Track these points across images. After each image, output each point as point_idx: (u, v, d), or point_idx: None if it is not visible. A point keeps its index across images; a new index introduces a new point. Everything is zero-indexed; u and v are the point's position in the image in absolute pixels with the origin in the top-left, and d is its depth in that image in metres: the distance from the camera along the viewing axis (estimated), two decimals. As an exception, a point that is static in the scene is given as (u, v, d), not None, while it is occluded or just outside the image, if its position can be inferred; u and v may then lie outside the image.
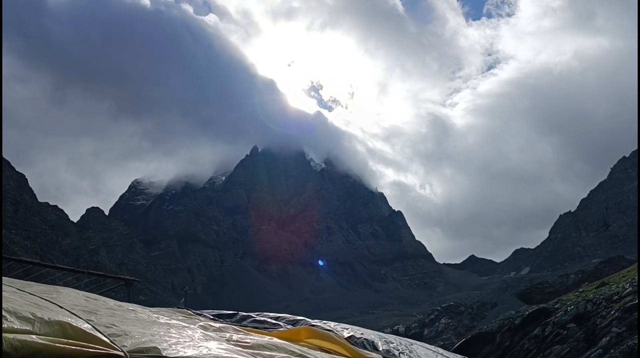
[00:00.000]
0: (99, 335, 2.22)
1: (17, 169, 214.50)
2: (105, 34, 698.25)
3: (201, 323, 3.66)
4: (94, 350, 2.05)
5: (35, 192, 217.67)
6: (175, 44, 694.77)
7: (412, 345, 4.93)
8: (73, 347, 1.98)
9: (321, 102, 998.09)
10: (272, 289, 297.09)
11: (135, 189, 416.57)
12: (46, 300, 2.61)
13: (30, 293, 2.62)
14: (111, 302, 3.37)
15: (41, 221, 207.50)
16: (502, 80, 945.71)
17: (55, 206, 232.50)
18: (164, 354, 2.25)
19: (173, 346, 2.44)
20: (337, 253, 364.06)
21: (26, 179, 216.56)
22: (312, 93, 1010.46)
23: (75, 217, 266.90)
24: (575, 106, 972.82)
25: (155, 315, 3.30)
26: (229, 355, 2.57)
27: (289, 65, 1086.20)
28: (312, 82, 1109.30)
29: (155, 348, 2.27)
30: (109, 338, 2.23)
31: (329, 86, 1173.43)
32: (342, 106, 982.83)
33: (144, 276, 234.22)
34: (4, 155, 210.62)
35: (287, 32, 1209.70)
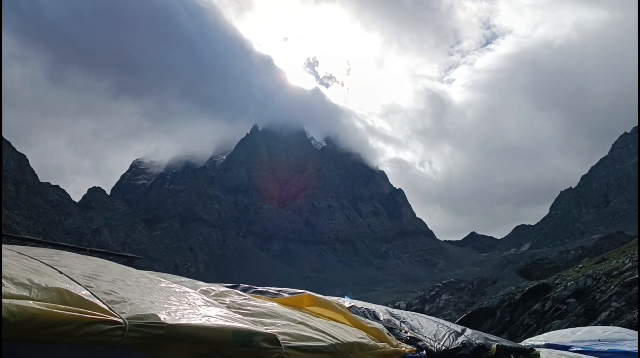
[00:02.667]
0: (97, 301, 2.18)
1: (17, 150, 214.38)
2: (97, 10, 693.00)
3: (203, 288, 3.64)
4: (92, 317, 2.01)
5: (36, 172, 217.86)
6: (169, 19, 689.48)
7: (414, 314, 4.95)
8: (70, 313, 1.95)
9: (317, 79, 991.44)
10: (274, 267, 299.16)
11: (136, 168, 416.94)
12: (46, 264, 2.56)
13: (30, 257, 2.57)
14: (113, 266, 3.30)
15: (43, 201, 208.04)
16: (500, 55, 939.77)
17: (57, 186, 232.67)
18: (163, 321, 2.24)
19: (172, 313, 2.40)
20: (338, 231, 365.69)
21: (27, 159, 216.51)
22: (308, 69, 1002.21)
23: (77, 197, 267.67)
24: (576, 80, 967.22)
25: (157, 279, 3.24)
26: (228, 324, 2.53)
27: (285, 39, 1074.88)
28: (308, 59, 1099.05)
29: (154, 315, 2.24)
30: (107, 305, 2.19)
31: (325, 62, 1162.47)
32: (338, 82, 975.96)
33: (146, 255, 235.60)
34: (4, 135, 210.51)
35: (281, 5, 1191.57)
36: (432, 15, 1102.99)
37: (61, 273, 2.48)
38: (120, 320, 2.11)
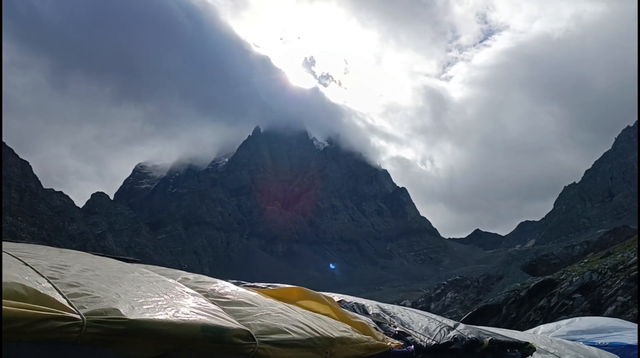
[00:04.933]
0: (56, 296, 2.04)
1: (20, 157, 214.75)
2: (95, 14, 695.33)
3: (184, 276, 3.52)
4: (45, 313, 1.86)
5: (39, 179, 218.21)
6: (166, 20, 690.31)
7: (405, 309, 4.84)
8: (21, 310, 1.80)
9: (315, 78, 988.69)
10: (279, 268, 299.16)
11: (139, 173, 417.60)
12: (12, 255, 2.43)
13: None
14: (87, 257, 3.13)
15: (47, 208, 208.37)
16: (498, 51, 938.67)
17: (61, 192, 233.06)
18: (124, 316, 2.11)
19: (137, 307, 2.24)
20: (342, 231, 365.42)
21: (30, 166, 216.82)
22: (305, 69, 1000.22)
23: (80, 202, 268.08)
24: (576, 73, 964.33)
25: (131, 269, 3.10)
26: (196, 318, 2.37)
27: (281, 39, 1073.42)
28: (305, 58, 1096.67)
29: (116, 310, 2.11)
30: (67, 299, 2.05)
31: (322, 61, 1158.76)
32: (335, 82, 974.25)
33: (151, 259, 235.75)
34: (7, 142, 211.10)
35: (276, 4, 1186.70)
36: (428, 11, 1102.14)
37: (26, 264, 2.36)
38: (78, 316, 1.97)
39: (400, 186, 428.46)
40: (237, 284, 4.50)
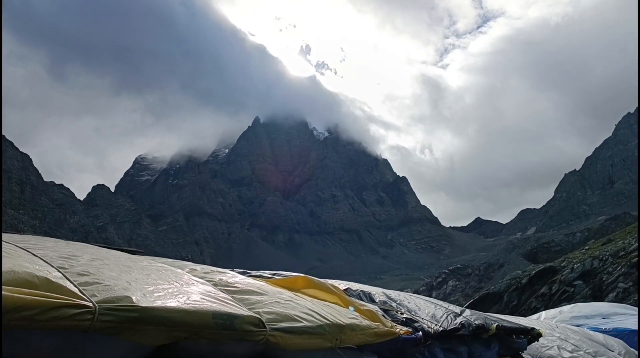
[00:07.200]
0: (67, 284, 2.03)
1: (20, 150, 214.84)
2: (91, 4, 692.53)
3: (191, 267, 3.52)
4: (58, 301, 1.85)
5: (40, 172, 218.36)
6: (160, 7, 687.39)
7: (411, 296, 4.84)
8: (34, 298, 1.80)
9: (311, 66, 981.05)
10: (280, 258, 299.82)
11: (139, 165, 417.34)
12: (20, 247, 2.42)
13: (5, 242, 2.43)
14: (94, 248, 3.13)
15: (48, 201, 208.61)
16: (494, 38, 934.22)
17: (61, 184, 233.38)
18: (136, 303, 2.10)
19: (148, 295, 2.24)
20: (343, 221, 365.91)
21: (30, 159, 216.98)
22: (302, 57, 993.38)
23: (81, 195, 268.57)
24: (575, 58, 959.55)
25: (140, 258, 3.12)
26: (207, 306, 2.37)
27: (276, 27, 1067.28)
28: (301, 47, 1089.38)
29: (128, 297, 2.11)
30: (78, 288, 2.05)
31: (318, 49, 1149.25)
32: (331, 70, 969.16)
33: (153, 251, 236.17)
34: (7, 135, 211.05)
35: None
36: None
37: (35, 255, 2.35)
38: (90, 304, 1.96)
39: (401, 176, 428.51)
40: (242, 273, 4.51)
